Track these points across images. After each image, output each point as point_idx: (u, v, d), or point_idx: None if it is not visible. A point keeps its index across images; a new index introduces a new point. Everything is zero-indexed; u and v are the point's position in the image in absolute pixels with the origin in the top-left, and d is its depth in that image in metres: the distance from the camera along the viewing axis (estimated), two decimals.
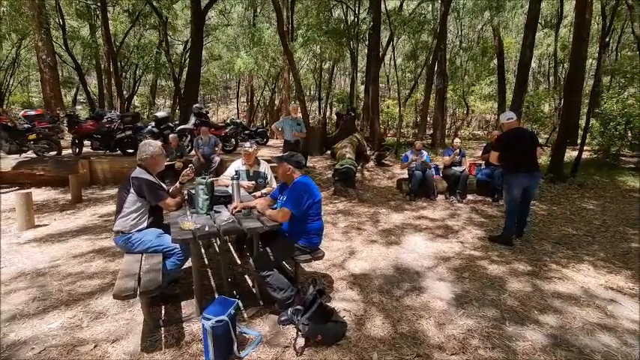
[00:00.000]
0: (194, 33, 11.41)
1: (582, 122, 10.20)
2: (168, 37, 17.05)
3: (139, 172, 2.46)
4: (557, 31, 14.58)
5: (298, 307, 2.30)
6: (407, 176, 6.29)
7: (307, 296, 2.35)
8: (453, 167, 6.05)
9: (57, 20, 14.99)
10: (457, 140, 6.40)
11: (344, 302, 2.65)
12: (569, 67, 7.63)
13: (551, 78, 22.88)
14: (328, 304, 2.57)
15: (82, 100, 21.77)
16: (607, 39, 12.46)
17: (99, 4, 12.54)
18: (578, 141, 10.46)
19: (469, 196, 5.96)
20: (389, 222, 4.73)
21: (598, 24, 14.23)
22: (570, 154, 8.48)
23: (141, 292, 1.95)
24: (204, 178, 2.51)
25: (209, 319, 1.91)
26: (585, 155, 7.92)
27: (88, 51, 17.17)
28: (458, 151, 6.13)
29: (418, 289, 2.87)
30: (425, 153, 6.24)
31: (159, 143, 2.58)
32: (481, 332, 2.28)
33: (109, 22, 13.70)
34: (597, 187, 6.73)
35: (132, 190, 2.41)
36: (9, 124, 6.92)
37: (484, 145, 7.19)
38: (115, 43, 14.88)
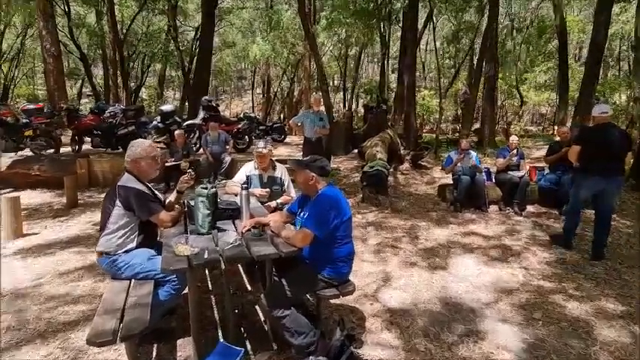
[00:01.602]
0: (205, 15, 11.39)
1: None
2: (178, 23, 17.29)
3: (126, 180, 2.23)
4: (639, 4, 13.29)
5: (321, 357, 1.99)
6: (451, 182, 5.84)
7: (333, 342, 2.06)
8: (509, 172, 5.54)
9: (62, 7, 15.54)
10: (514, 138, 5.86)
11: (379, 349, 2.31)
12: None
13: (622, 62, 21.29)
14: (359, 350, 2.25)
15: (88, 93, 22.59)
16: None
17: None
18: None
19: (529, 208, 5.43)
20: (430, 239, 4.34)
21: None
22: None
23: (122, 337, 1.71)
24: (206, 188, 2.24)
25: None
26: None
27: (94, 40, 17.72)
28: (515, 151, 5.60)
29: (476, 334, 2.48)
30: (473, 154, 5.76)
31: (146, 143, 2.35)
32: None
33: (116, 6, 14.01)
34: None
35: (118, 203, 2.19)
36: (9, 118, 7.05)
37: (546, 143, 6.58)
38: (121, 30, 15.22)
